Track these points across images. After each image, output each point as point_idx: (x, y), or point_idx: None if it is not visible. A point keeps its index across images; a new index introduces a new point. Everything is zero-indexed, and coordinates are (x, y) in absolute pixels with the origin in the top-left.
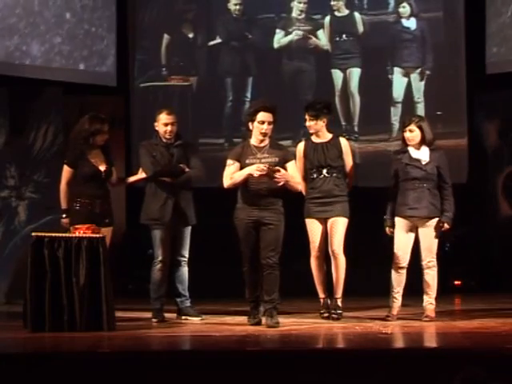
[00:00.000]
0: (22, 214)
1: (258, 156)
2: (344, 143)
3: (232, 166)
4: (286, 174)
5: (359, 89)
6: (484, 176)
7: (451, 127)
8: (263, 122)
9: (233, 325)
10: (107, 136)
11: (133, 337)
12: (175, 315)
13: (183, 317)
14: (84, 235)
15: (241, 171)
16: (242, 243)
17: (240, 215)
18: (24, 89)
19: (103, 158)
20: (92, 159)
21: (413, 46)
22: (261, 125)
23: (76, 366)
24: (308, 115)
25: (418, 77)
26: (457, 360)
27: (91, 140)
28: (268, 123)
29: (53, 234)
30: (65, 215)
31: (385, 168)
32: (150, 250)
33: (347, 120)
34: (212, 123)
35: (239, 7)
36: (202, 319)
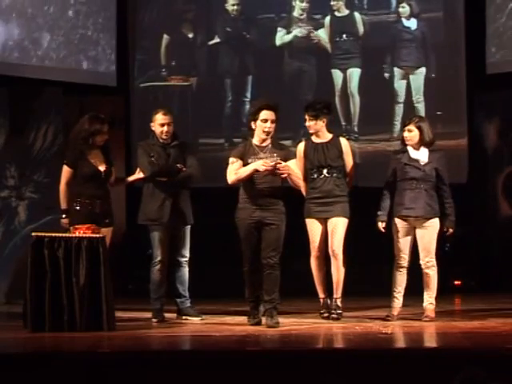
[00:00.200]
0: (22, 214)
1: (261, 155)
2: (344, 143)
3: (236, 164)
4: (289, 167)
5: (359, 89)
6: (484, 176)
7: (451, 127)
8: (266, 121)
9: (233, 325)
10: (107, 136)
11: (133, 337)
12: (175, 315)
13: (183, 317)
14: (84, 235)
15: (246, 167)
16: (243, 243)
17: (241, 215)
18: (24, 89)
19: (103, 158)
20: (92, 159)
21: (412, 46)
22: (264, 123)
23: (76, 366)
24: (308, 115)
25: (418, 77)
26: (457, 360)
27: (91, 140)
28: (271, 121)
29: (53, 234)
30: (64, 215)
31: (385, 168)
32: (150, 250)
33: (347, 120)
34: (212, 123)
35: (237, 7)
36: (202, 319)
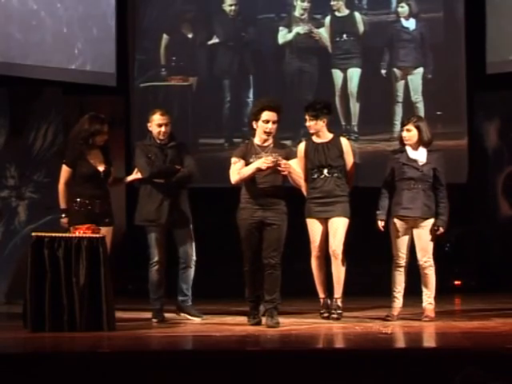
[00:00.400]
0: (22, 214)
1: (262, 155)
2: (345, 143)
3: (238, 164)
4: (290, 165)
5: (359, 89)
6: (484, 176)
7: (451, 127)
8: (268, 121)
9: (233, 325)
10: (107, 136)
11: (133, 337)
12: (175, 315)
13: (183, 314)
14: (84, 235)
15: (248, 166)
16: (244, 243)
17: (243, 215)
18: (24, 89)
19: (102, 158)
20: (91, 159)
21: (410, 46)
22: (265, 124)
23: (76, 366)
24: (308, 115)
25: (416, 77)
26: (457, 360)
27: (91, 140)
28: (272, 122)
29: (53, 234)
30: (64, 215)
31: (385, 168)
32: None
33: (347, 120)
34: (212, 123)
35: (234, 7)
36: (203, 319)
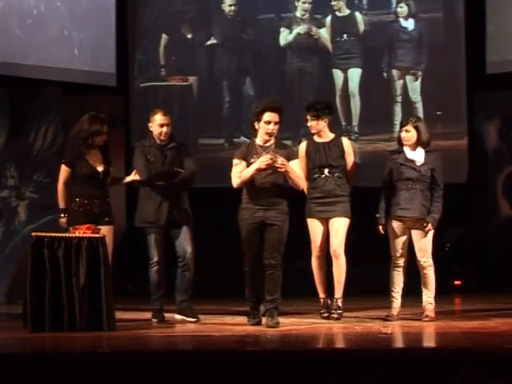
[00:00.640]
0: (22, 214)
1: (263, 155)
2: (346, 143)
3: (239, 166)
4: (287, 163)
5: (360, 89)
6: (484, 176)
7: (451, 127)
8: (269, 123)
9: (233, 325)
10: (106, 137)
11: (133, 337)
12: (175, 315)
13: (180, 317)
14: (84, 235)
15: (248, 168)
16: (245, 243)
17: (244, 215)
18: (24, 89)
19: (101, 158)
20: (90, 159)
21: (408, 47)
22: (267, 125)
23: (76, 366)
24: (309, 115)
25: (413, 77)
26: (457, 360)
27: (90, 140)
28: (274, 123)
29: (53, 234)
30: (62, 214)
31: (385, 168)
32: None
33: (347, 120)
34: (212, 123)
35: (234, 8)
36: (198, 321)
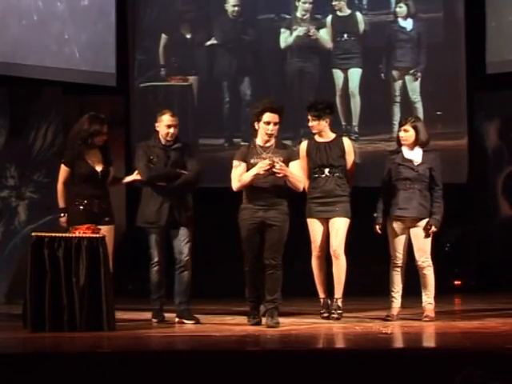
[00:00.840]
0: (22, 214)
1: (264, 156)
2: (347, 143)
3: (239, 168)
4: (286, 168)
5: (360, 89)
6: (484, 176)
7: (451, 127)
8: (269, 123)
9: (233, 325)
10: (106, 137)
11: (133, 337)
12: (175, 315)
13: (177, 319)
14: (84, 235)
15: (247, 172)
16: (245, 243)
17: (245, 216)
18: (24, 89)
19: (101, 158)
20: (89, 159)
21: (407, 47)
22: (266, 125)
23: (76, 366)
24: (310, 115)
25: (413, 77)
26: (457, 360)
27: (89, 140)
28: (274, 124)
29: (53, 234)
30: (62, 214)
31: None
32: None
33: (348, 120)
34: (212, 123)
35: (237, 8)
36: (196, 323)
